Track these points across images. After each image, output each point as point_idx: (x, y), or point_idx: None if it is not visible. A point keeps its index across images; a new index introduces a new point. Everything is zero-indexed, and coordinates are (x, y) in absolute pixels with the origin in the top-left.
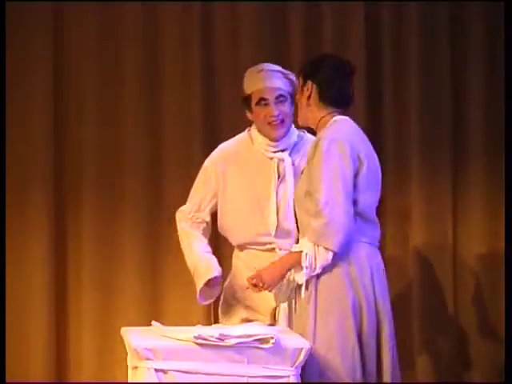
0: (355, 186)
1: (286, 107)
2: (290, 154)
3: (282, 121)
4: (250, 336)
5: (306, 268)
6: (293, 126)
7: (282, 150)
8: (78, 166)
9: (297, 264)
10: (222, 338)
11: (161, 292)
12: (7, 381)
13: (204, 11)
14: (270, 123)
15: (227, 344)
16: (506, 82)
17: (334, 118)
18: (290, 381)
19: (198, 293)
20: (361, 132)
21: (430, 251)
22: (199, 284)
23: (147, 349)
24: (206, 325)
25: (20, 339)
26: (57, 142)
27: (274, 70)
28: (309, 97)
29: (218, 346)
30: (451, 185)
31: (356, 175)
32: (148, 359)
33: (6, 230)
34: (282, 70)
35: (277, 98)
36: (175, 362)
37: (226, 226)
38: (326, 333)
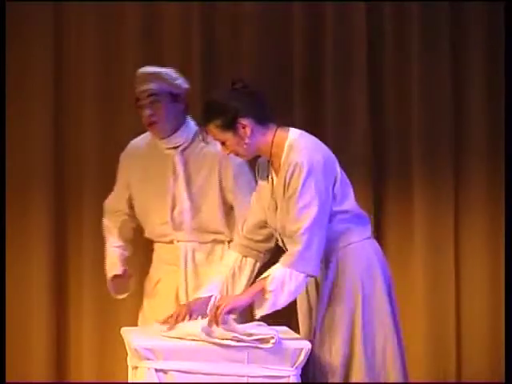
0: (337, 193)
1: (161, 107)
2: (183, 151)
3: (155, 121)
4: (251, 336)
5: (271, 292)
6: (190, 122)
7: (175, 147)
8: (79, 165)
9: (260, 290)
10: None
11: None
12: (7, 381)
13: (204, 8)
14: (146, 124)
15: (227, 344)
16: (506, 81)
17: (291, 137)
18: (290, 381)
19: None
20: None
21: (431, 253)
22: (107, 278)
23: (147, 349)
24: None
25: (20, 339)
26: (57, 143)
27: (148, 73)
28: (252, 131)
29: (218, 345)
30: (453, 186)
31: (335, 183)
32: (148, 359)
33: (7, 230)
34: (159, 71)
35: (149, 99)
36: (175, 362)
37: (138, 218)
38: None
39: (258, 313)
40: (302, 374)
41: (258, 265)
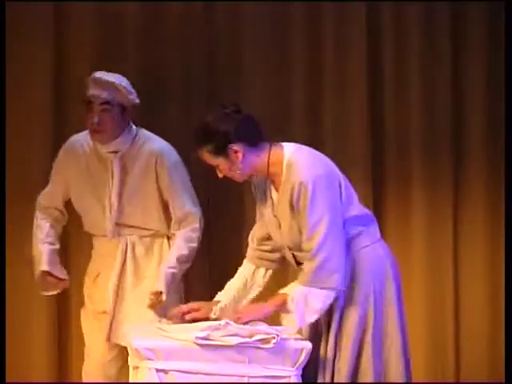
0: (344, 199)
1: (110, 118)
2: (122, 157)
3: (101, 130)
4: (252, 336)
5: (294, 311)
6: (132, 127)
7: (115, 152)
8: None
9: (281, 304)
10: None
11: None
12: (7, 381)
13: (205, 8)
14: (90, 130)
15: (228, 344)
16: (506, 81)
17: (287, 155)
18: (291, 381)
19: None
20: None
21: (430, 253)
22: (35, 275)
23: (148, 349)
24: None
25: (20, 339)
26: (57, 143)
27: (105, 81)
28: (243, 155)
29: (218, 346)
30: (452, 186)
31: (341, 190)
32: (149, 359)
33: (7, 230)
34: (118, 82)
35: (101, 106)
36: (176, 362)
37: (79, 214)
38: None
39: (289, 328)
40: (306, 376)
41: (270, 272)
